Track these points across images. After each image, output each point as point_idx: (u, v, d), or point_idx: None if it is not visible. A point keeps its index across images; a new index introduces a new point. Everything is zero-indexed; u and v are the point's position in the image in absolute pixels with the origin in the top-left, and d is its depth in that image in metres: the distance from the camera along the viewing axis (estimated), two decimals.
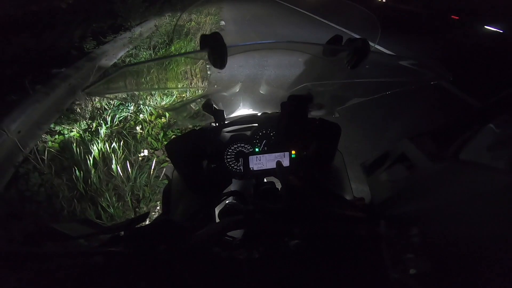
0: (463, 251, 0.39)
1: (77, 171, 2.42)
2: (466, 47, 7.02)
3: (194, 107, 1.10)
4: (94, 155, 2.61)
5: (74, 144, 2.75)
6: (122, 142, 2.87)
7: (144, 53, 5.47)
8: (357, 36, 0.73)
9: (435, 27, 9.34)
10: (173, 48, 5.50)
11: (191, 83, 4.15)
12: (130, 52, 5.41)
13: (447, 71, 0.75)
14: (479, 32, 8.95)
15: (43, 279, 0.37)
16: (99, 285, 0.39)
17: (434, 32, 8.43)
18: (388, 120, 3.58)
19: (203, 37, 0.65)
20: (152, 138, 3.10)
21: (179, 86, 3.82)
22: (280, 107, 1.01)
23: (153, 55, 4.91)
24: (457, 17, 10.72)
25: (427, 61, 0.78)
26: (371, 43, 0.75)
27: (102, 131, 3.05)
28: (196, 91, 3.56)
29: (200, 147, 1.00)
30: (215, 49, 0.64)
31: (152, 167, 2.62)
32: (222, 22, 8.42)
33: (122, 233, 0.51)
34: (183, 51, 4.91)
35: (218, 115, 1.01)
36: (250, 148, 1.00)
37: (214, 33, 0.65)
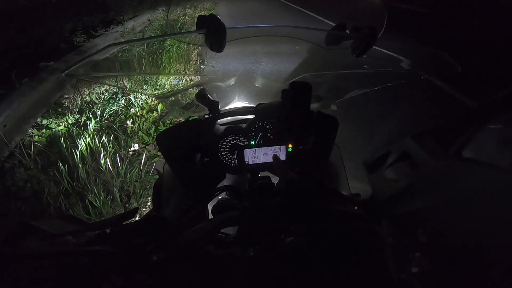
0: (466, 249, 0.38)
1: (64, 166, 2.36)
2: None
3: (187, 97, 1.06)
4: (81, 150, 2.56)
5: (62, 139, 2.68)
6: (112, 136, 2.82)
7: (137, 48, 5.39)
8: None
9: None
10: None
11: (180, 73, 4.11)
12: (123, 47, 5.32)
13: (454, 62, 0.74)
14: None
15: (24, 280, 0.35)
16: (83, 286, 0.37)
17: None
18: (381, 117, 3.60)
19: (200, 18, 0.62)
20: (143, 133, 3.06)
21: (170, 74, 3.77)
22: (278, 97, 0.98)
23: (145, 49, 4.82)
24: None
25: (434, 52, 0.77)
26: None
27: (91, 125, 2.99)
28: (192, 81, 3.52)
29: (193, 140, 0.97)
30: (213, 30, 0.61)
31: (143, 162, 2.57)
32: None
33: (109, 230, 0.49)
34: (176, 46, 4.84)
35: (213, 106, 0.97)
36: (245, 141, 0.97)
37: (211, 14, 0.62)
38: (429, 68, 0.82)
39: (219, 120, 1.01)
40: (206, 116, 1.00)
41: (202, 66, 4.41)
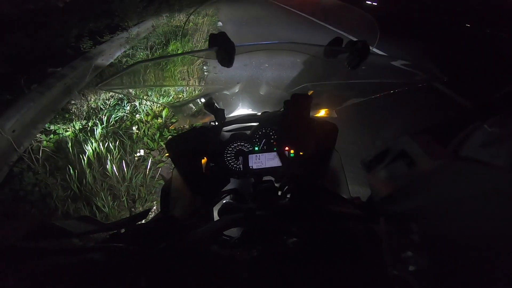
0: (463, 248, 0.39)
1: (71, 170, 2.40)
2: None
3: (195, 106, 1.11)
4: (88, 155, 2.59)
5: (69, 144, 2.72)
6: (118, 142, 2.85)
7: (141, 53, 5.45)
8: (355, 39, 0.75)
9: None
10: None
11: (187, 83, 4.16)
12: (127, 52, 5.39)
13: (440, 72, 0.77)
14: None
15: (43, 275, 0.36)
16: (100, 282, 0.38)
17: None
18: (382, 122, 3.61)
19: (212, 36, 0.67)
20: (148, 139, 3.09)
21: (182, 84, 3.81)
22: (281, 106, 1.02)
23: (150, 56, 4.89)
24: None
25: (421, 63, 0.80)
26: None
27: (98, 130, 3.03)
28: (196, 90, 3.56)
29: (200, 146, 1.00)
30: (224, 48, 0.65)
31: (148, 167, 2.61)
32: (220, 23, 8.42)
33: (123, 230, 0.51)
34: (180, 51, 4.91)
35: (219, 113, 1.02)
36: (250, 147, 1.01)
37: (221, 33, 0.66)
38: (418, 79, 0.84)
39: (224, 127, 1.05)
40: (213, 123, 1.05)
41: (205, 73, 4.46)
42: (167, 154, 2.80)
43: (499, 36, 8.19)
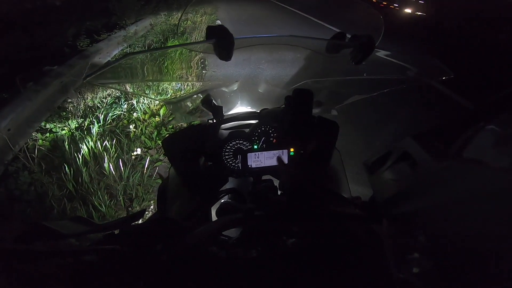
0: (467, 249, 0.38)
1: (67, 169, 2.39)
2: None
3: (193, 103, 1.09)
4: (84, 154, 2.58)
5: (66, 143, 2.70)
6: (114, 140, 2.84)
7: (141, 55, 5.41)
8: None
9: None
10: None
11: (186, 79, 4.14)
12: (125, 51, 5.37)
13: (448, 68, 0.76)
14: None
15: (35, 278, 0.35)
16: (93, 285, 0.37)
17: None
18: (382, 121, 3.61)
19: (210, 28, 0.65)
20: (145, 137, 3.07)
21: (179, 80, 3.79)
22: (280, 103, 1.00)
23: (148, 54, 4.86)
24: None
25: (428, 59, 0.79)
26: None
27: (94, 129, 3.01)
28: (194, 86, 3.54)
29: (197, 144, 0.99)
30: (222, 40, 0.63)
31: (146, 166, 2.59)
32: (218, 22, 8.42)
33: (117, 231, 0.50)
34: (178, 52, 4.89)
35: (217, 111, 1.00)
36: (249, 145, 0.99)
37: (220, 25, 0.64)
38: (424, 75, 0.84)
39: (223, 125, 1.03)
40: (210, 121, 1.03)
41: (203, 71, 4.44)
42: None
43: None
